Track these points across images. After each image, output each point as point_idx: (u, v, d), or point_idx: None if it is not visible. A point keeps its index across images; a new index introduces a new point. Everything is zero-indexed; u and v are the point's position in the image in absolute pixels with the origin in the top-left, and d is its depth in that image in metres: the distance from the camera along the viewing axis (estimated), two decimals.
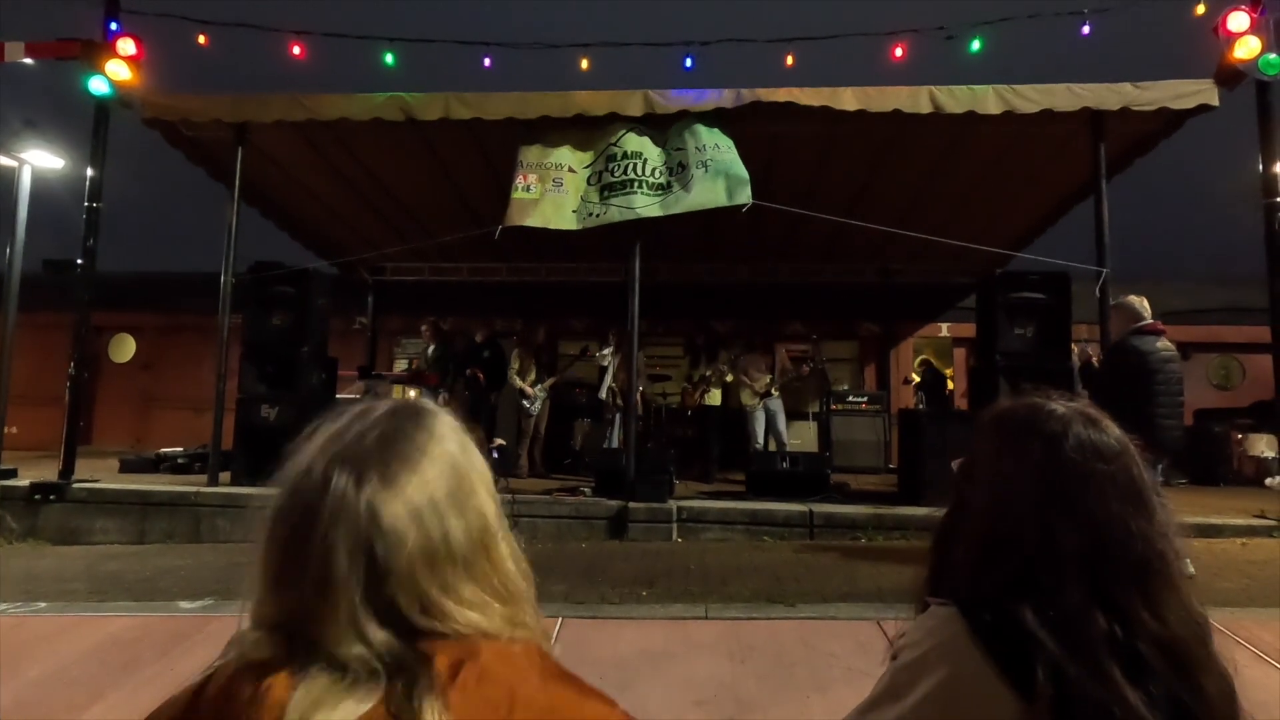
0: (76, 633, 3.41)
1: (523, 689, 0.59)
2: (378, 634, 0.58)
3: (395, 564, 0.60)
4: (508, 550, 0.68)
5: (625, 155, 6.29)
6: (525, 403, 8.27)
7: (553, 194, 6.36)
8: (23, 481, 6.36)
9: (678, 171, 6.30)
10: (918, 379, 10.30)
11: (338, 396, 7.66)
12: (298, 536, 0.60)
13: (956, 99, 5.96)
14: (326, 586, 0.58)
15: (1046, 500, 0.82)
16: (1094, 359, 4.78)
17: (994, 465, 0.89)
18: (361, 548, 0.59)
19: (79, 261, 6.87)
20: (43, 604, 3.95)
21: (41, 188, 7.84)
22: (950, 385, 9.81)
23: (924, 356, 10.97)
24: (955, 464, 0.97)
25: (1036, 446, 0.85)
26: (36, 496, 6.19)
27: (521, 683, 0.59)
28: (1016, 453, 0.87)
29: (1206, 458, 8.79)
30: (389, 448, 0.64)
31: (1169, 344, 4.47)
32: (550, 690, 0.61)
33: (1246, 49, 5.86)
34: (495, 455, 6.31)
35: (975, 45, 7.39)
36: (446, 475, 0.65)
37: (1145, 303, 4.54)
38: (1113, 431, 0.86)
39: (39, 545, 5.97)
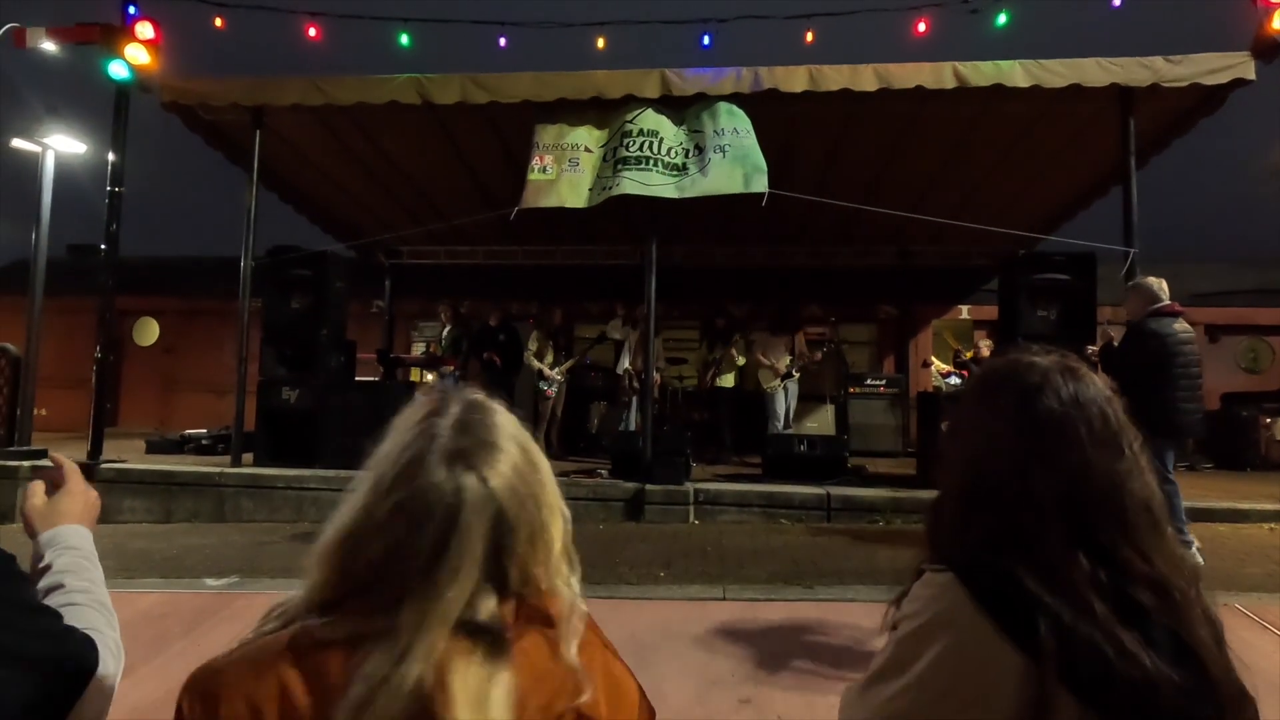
0: None
1: (598, 658, 0.70)
2: (490, 603, 0.68)
3: (511, 542, 0.70)
4: (568, 521, 0.77)
5: (641, 132, 6.23)
6: (542, 385, 8.29)
7: (569, 174, 6.32)
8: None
9: (694, 154, 6.24)
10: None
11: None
12: (422, 526, 0.67)
13: (982, 74, 5.82)
14: (456, 566, 0.66)
15: (1023, 448, 0.82)
16: (1114, 340, 4.72)
17: (973, 419, 0.91)
18: (488, 533, 0.68)
19: (102, 246, 6.95)
20: None
21: (64, 173, 7.94)
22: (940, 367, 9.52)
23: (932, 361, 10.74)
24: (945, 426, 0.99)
25: (1012, 397, 0.86)
26: None
27: (598, 652, 0.71)
28: (994, 405, 0.88)
29: (1233, 442, 8.62)
30: (483, 438, 0.73)
31: (1186, 325, 4.46)
32: (610, 663, 0.72)
33: None
34: None
35: (1001, 19, 7.17)
36: (521, 457, 0.74)
37: (1164, 284, 4.53)
38: (1092, 381, 0.86)
39: None
